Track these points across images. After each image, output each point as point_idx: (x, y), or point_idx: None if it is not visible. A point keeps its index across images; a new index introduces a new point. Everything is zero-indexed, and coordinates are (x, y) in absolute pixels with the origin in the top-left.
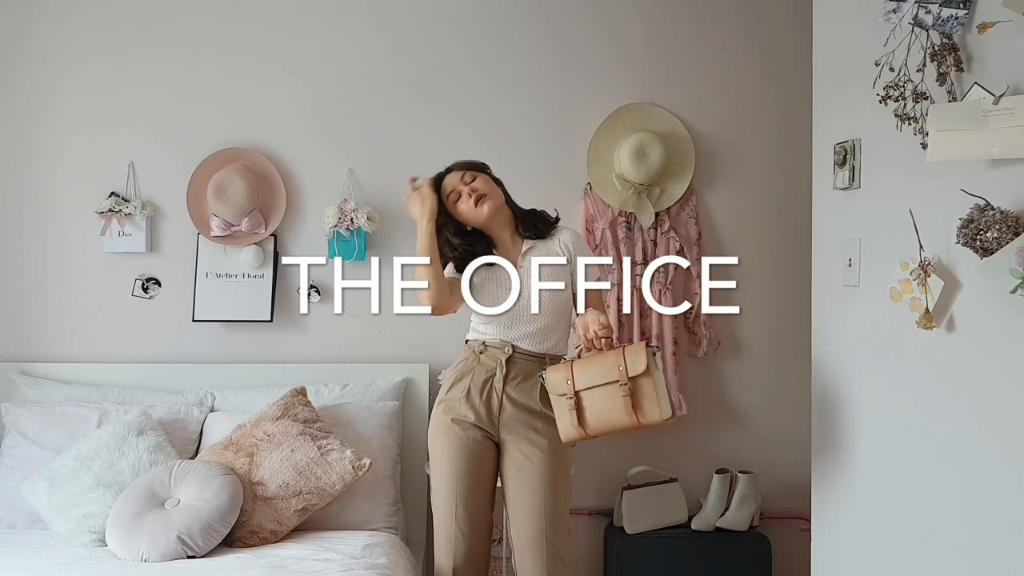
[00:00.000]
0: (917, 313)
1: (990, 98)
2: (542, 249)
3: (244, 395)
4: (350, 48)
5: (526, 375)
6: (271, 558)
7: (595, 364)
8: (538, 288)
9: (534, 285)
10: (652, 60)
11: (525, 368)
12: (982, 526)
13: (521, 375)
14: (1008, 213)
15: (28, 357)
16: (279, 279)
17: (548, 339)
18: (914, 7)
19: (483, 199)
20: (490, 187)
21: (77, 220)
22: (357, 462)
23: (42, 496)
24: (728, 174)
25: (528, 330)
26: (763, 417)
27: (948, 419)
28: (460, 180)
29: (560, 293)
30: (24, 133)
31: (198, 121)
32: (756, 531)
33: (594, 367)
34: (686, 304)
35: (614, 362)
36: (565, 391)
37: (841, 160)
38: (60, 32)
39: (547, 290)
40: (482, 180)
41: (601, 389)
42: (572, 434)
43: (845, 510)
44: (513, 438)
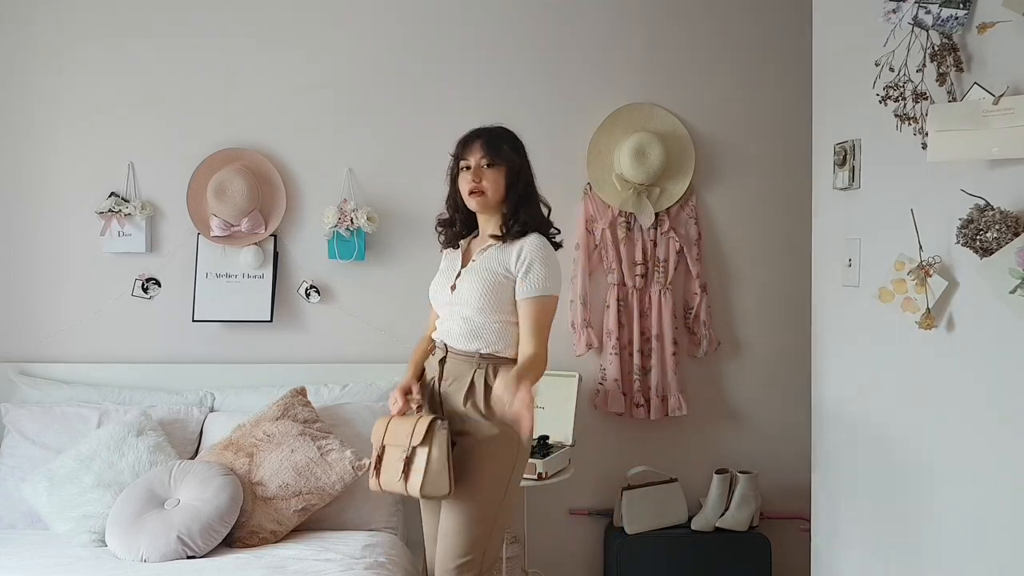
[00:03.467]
0: (909, 313)
1: (990, 98)
2: (499, 251)
3: (244, 395)
4: (350, 48)
5: (456, 376)
6: (271, 558)
7: (404, 424)
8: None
9: (468, 285)
10: (652, 60)
11: (456, 368)
12: (982, 526)
13: (452, 376)
14: (1008, 213)
15: (28, 357)
16: (279, 279)
17: (477, 339)
18: (914, 7)
19: (476, 193)
20: (495, 185)
21: (77, 220)
22: (357, 462)
23: (42, 496)
24: (728, 174)
25: (459, 329)
26: (763, 417)
27: (948, 419)
28: (480, 157)
29: (489, 297)
30: (24, 133)
31: (198, 121)
32: (756, 531)
33: (401, 426)
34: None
35: (407, 428)
36: (375, 442)
37: (841, 160)
38: (60, 32)
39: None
40: (493, 175)
41: (393, 448)
42: (372, 483)
43: (845, 510)
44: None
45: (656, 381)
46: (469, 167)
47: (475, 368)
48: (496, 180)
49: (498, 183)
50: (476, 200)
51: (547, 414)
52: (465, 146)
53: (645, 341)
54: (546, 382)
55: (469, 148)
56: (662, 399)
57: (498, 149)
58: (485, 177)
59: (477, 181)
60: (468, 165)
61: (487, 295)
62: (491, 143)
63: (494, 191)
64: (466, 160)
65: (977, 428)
